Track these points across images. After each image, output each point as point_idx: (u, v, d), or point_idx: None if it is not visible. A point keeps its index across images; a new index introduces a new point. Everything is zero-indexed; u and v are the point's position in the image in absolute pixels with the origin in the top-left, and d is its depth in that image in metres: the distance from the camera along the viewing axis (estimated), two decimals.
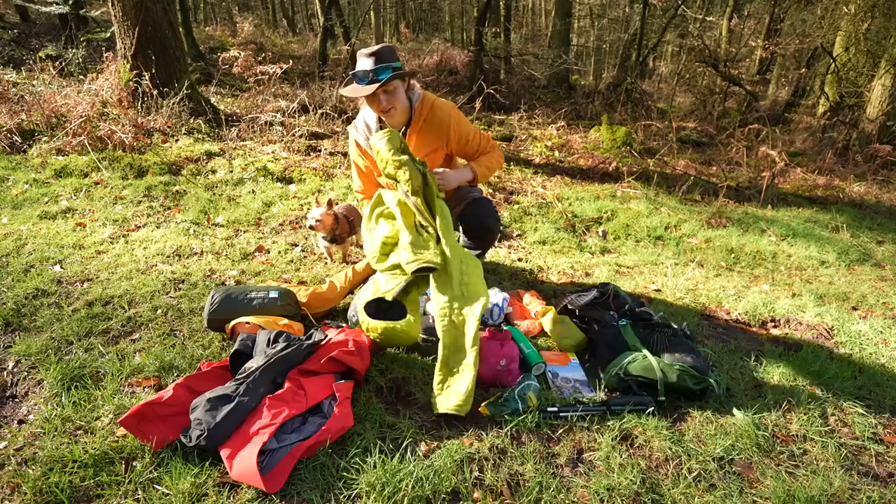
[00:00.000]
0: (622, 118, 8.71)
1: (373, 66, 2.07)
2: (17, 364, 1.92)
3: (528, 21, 18.83)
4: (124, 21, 5.01)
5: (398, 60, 2.14)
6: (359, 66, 2.11)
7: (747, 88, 9.92)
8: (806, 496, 1.48)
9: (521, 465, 1.56)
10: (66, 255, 2.80)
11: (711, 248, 4.14)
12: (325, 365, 1.78)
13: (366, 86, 2.08)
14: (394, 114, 2.18)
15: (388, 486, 1.41)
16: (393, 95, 2.14)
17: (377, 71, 2.06)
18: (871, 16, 8.64)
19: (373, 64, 2.07)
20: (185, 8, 9.59)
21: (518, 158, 6.31)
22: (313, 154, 5.23)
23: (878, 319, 2.87)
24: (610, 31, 14.63)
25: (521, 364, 2.01)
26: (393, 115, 2.19)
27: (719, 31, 11.90)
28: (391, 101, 2.14)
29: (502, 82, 9.57)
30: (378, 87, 2.06)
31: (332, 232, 2.77)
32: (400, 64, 2.13)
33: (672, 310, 2.66)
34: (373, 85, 2.06)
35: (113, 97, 5.30)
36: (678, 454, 1.63)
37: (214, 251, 3.01)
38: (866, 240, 4.83)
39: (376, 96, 2.12)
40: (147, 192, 3.95)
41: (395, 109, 2.17)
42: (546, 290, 2.85)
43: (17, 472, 1.43)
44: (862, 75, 8.88)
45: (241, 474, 1.41)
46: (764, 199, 5.65)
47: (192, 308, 2.32)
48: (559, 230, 4.14)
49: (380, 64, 2.07)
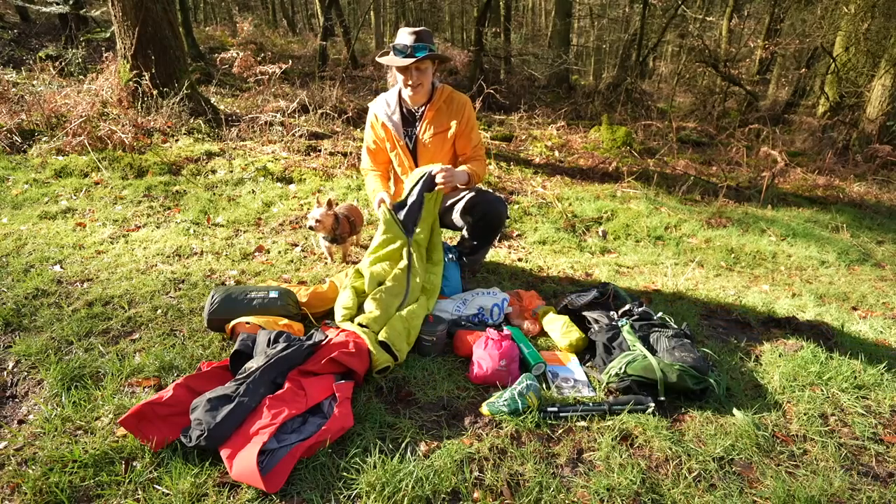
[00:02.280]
0: (622, 118, 8.71)
1: (413, 42, 2.31)
2: (17, 364, 1.92)
3: (528, 21, 18.83)
4: (124, 21, 5.01)
5: (434, 45, 2.38)
6: (399, 39, 2.35)
7: (747, 88, 9.93)
8: (806, 496, 1.48)
9: (521, 465, 1.56)
10: (66, 255, 2.80)
11: (711, 248, 4.14)
12: (325, 366, 1.78)
13: (403, 58, 2.32)
14: (420, 90, 2.44)
15: (388, 486, 1.41)
16: (423, 74, 2.39)
17: (416, 48, 2.31)
18: (871, 16, 8.65)
19: (413, 41, 2.31)
20: (185, 8, 9.59)
21: (518, 158, 6.31)
22: (313, 154, 5.23)
23: (878, 319, 2.87)
24: (610, 31, 14.64)
25: (521, 364, 2.01)
26: (418, 92, 2.45)
27: (719, 31, 11.91)
28: (420, 78, 2.39)
29: (502, 82, 9.58)
30: (413, 62, 2.30)
31: (332, 232, 2.77)
32: (435, 48, 2.39)
33: (672, 310, 2.66)
34: (409, 59, 2.31)
35: (113, 97, 5.30)
36: (678, 454, 1.63)
37: (214, 251, 3.01)
38: (866, 240, 4.83)
39: (409, 70, 2.37)
40: (147, 192, 3.95)
41: (422, 87, 2.43)
42: (546, 290, 2.84)
43: (17, 472, 1.43)
44: (862, 75, 8.88)
45: (241, 474, 1.41)
46: (764, 199, 5.65)
47: (192, 308, 2.32)
48: (559, 230, 4.14)
49: (419, 42, 2.31)
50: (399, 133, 2.55)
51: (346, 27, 11.52)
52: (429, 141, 2.54)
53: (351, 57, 10.57)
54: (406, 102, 2.54)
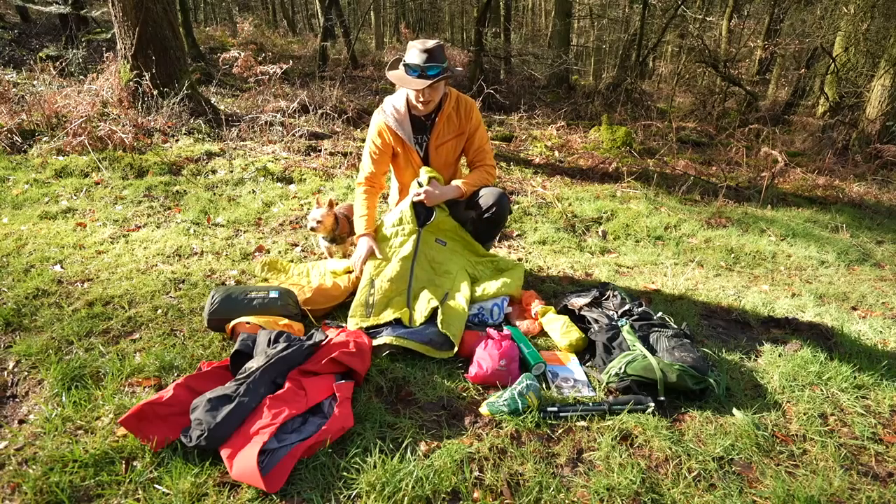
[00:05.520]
0: (622, 118, 8.71)
1: (425, 62, 2.27)
2: (18, 364, 1.92)
3: (528, 21, 18.83)
4: (124, 21, 5.01)
5: (446, 60, 2.35)
6: (411, 57, 2.30)
7: (747, 88, 9.93)
8: (806, 496, 1.48)
9: (521, 464, 1.56)
10: (67, 255, 2.80)
11: (711, 248, 4.14)
12: (325, 366, 1.78)
13: (415, 78, 2.30)
14: (430, 105, 2.43)
15: (388, 486, 1.42)
16: (435, 90, 2.38)
17: (428, 68, 2.28)
18: (870, 16, 8.65)
19: (425, 61, 2.27)
20: (186, 8, 9.59)
21: (518, 158, 6.32)
22: (313, 154, 5.24)
23: (878, 319, 2.87)
24: (610, 31, 14.64)
25: (521, 364, 2.01)
26: (429, 107, 2.44)
27: (719, 31, 11.91)
28: (432, 95, 2.38)
29: (502, 82, 9.57)
30: (427, 84, 2.28)
31: (332, 232, 2.77)
32: (447, 64, 2.35)
33: (672, 310, 2.66)
34: (422, 80, 2.29)
35: (113, 97, 5.30)
36: (678, 454, 1.63)
37: (214, 251, 3.01)
38: (866, 240, 4.83)
39: (422, 89, 2.34)
40: (147, 192, 3.95)
41: (433, 102, 2.42)
42: (546, 290, 2.85)
43: (17, 472, 1.43)
44: (862, 75, 8.89)
45: (241, 474, 1.41)
46: (764, 199, 5.65)
47: (193, 308, 2.32)
48: (559, 230, 4.14)
49: (431, 62, 2.28)
50: (410, 140, 2.54)
51: (346, 27, 11.53)
52: (440, 147, 2.55)
53: (351, 57, 10.57)
54: (415, 108, 2.52)
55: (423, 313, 2.19)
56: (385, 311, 2.21)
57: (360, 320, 2.17)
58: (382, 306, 2.23)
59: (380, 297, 2.24)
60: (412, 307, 2.26)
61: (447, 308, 2.23)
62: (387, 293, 2.26)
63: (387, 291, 2.26)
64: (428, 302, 2.22)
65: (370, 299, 2.24)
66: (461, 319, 2.20)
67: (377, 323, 2.15)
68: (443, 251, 2.52)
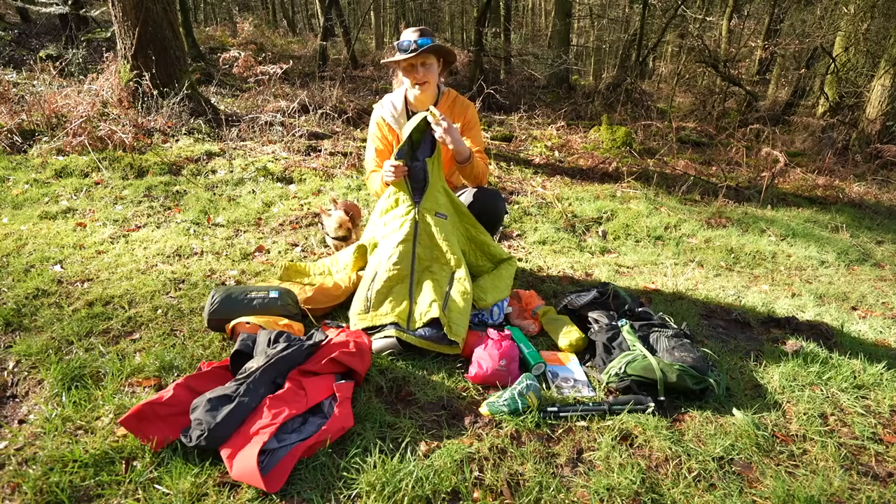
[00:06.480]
0: (622, 118, 8.71)
1: (417, 37, 2.33)
2: (18, 364, 1.92)
3: (528, 21, 18.84)
4: (124, 21, 5.02)
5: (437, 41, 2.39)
6: (403, 37, 2.36)
7: (747, 88, 9.93)
8: (806, 496, 1.48)
9: (521, 464, 1.56)
10: (67, 255, 2.80)
11: (711, 248, 4.14)
12: (325, 366, 1.78)
13: (407, 53, 2.33)
14: (426, 88, 2.43)
15: (388, 486, 1.42)
16: (429, 70, 2.40)
17: (419, 40, 2.32)
18: (870, 16, 8.66)
19: (417, 36, 2.33)
20: (185, 8, 9.59)
21: (518, 158, 6.32)
22: (313, 154, 5.24)
23: (878, 319, 2.88)
24: (610, 31, 14.63)
25: (521, 364, 2.01)
26: (425, 90, 2.44)
27: (719, 31, 11.91)
28: (426, 75, 2.39)
29: (502, 82, 9.58)
30: (418, 54, 2.30)
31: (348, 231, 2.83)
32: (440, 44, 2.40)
33: (672, 310, 2.66)
34: (413, 53, 2.31)
35: (113, 97, 5.31)
36: (678, 454, 1.63)
37: (214, 251, 3.01)
38: (866, 240, 4.84)
39: (414, 67, 2.39)
40: (147, 192, 3.95)
41: (429, 84, 2.43)
42: (546, 290, 2.85)
43: (17, 472, 1.43)
44: (862, 75, 8.89)
45: (241, 474, 1.41)
46: (764, 199, 5.65)
47: (193, 308, 2.32)
48: (559, 230, 4.14)
49: (423, 37, 2.33)
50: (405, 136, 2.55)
51: (346, 27, 11.52)
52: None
53: (351, 57, 10.57)
54: (412, 105, 2.56)
55: (424, 315, 2.11)
56: (384, 303, 2.14)
57: (360, 317, 2.14)
58: (382, 296, 2.16)
59: (380, 286, 2.17)
60: (414, 299, 2.18)
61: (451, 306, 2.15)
62: (389, 281, 2.18)
63: (388, 280, 2.18)
64: (429, 304, 2.13)
65: (368, 293, 2.18)
66: (465, 315, 2.14)
67: (375, 324, 2.12)
68: (444, 225, 2.36)
